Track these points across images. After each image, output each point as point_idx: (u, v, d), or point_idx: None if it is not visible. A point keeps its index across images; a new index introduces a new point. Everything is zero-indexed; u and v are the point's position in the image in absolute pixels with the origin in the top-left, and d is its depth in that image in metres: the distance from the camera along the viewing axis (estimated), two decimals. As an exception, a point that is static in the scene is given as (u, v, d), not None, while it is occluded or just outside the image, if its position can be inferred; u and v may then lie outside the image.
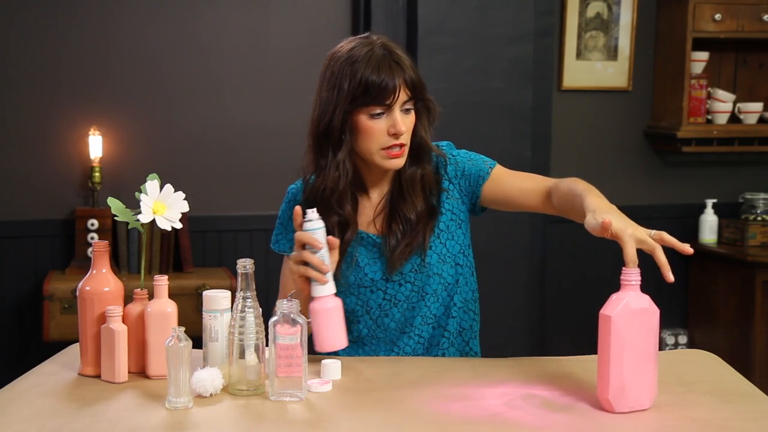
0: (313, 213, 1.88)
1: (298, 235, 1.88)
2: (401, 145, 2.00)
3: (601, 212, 1.71)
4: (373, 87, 1.94)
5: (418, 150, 2.06)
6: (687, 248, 1.67)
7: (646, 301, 1.63)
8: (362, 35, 2.05)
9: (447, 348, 2.10)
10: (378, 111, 1.96)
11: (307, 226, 1.87)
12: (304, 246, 1.88)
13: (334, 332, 1.87)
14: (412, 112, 2.02)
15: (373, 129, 1.97)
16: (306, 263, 1.86)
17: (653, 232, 1.68)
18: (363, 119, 1.97)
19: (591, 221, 1.71)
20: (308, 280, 1.89)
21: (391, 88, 1.95)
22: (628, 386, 1.61)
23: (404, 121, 1.98)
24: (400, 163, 2.02)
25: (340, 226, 2.05)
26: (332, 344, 1.86)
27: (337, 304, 1.89)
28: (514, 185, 2.07)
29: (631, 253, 1.62)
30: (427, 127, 2.06)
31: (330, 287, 1.88)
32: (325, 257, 1.88)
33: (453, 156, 2.12)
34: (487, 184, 2.08)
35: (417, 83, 2.00)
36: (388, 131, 1.97)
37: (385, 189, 2.11)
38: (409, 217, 2.05)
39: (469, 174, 2.09)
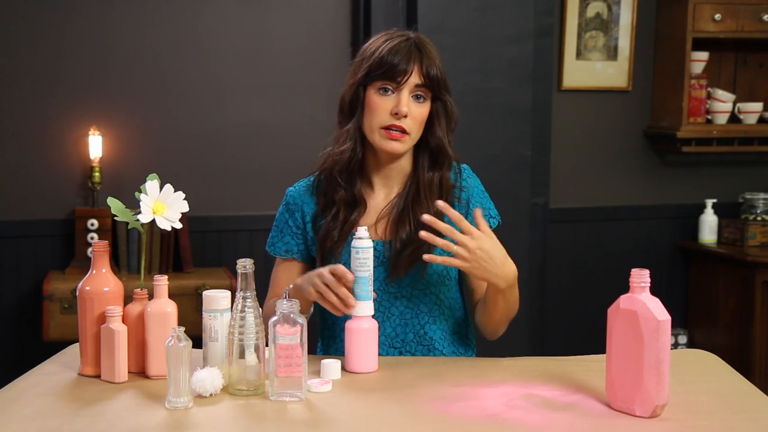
0: (363, 231, 1.88)
1: (337, 267, 1.86)
2: (403, 130, 1.99)
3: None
4: (386, 63, 1.98)
5: (437, 152, 2.05)
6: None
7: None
8: (404, 30, 2.08)
9: None
10: (386, 86, 1.99)
11: (355, 243, 1.87)
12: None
13: (365, 354, 1.87)
14: (427, 104, 2.02)
15: (378, 105, 1.99)
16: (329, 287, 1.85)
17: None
18: (371, 93, 2.01)
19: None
20: (320, 298, 1.88)
21: (402, 68, 1.97)
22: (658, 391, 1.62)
23: (411, 107, 1.99)
24: (398, 147, 2.00)
25: (346, 204, 2.04)
26: (361, 366, 1.86)
27: (373, 326, 1.88)
28: None
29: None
30: (445, 128, 2.05)
31: (370, 308, 1.88)
32: (369, 281, 1.87)
33: (474, 186, 2.10)
34: None
35: (436, 78, 2.01)
36: (391, 111, 1.98)
37: (393, 192, 2.08)
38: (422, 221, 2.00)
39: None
